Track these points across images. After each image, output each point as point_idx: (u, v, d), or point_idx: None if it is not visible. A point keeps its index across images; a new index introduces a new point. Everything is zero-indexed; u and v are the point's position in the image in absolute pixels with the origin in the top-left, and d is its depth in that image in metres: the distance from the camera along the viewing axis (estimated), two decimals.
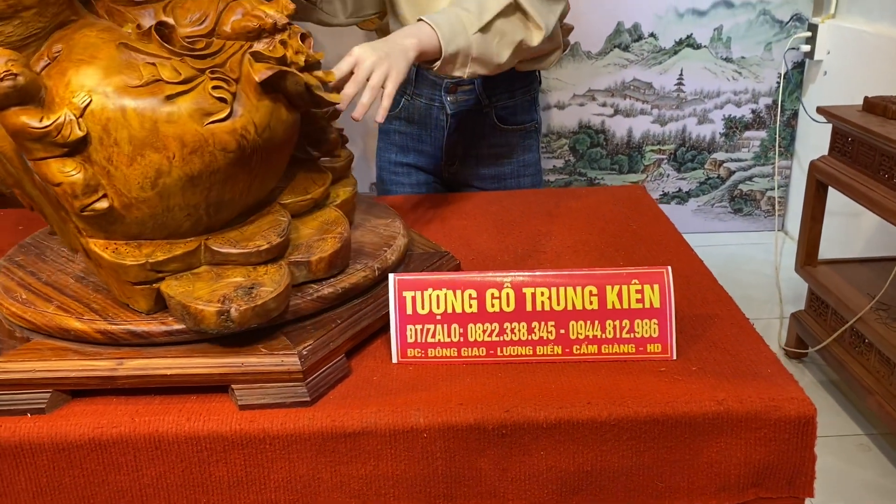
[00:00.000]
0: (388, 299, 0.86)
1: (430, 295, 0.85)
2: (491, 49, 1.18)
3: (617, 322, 0.84)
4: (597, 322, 0.84)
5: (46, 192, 0.82)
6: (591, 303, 0.84)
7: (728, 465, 0.78)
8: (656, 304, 0.84)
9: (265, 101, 0.81)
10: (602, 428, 0.77)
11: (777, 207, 3.10)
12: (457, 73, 1.18)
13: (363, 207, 1.07)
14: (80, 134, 0.75)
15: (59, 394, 0.79)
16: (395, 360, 0.86)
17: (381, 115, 1.04)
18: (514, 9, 1.19)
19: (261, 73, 0.78)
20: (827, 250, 2.20)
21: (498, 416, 0.77)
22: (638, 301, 0.84)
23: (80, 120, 0.75)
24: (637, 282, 0.84)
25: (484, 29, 1.16)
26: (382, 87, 1.03)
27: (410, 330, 0.85)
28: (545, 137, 2.99)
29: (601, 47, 2.87)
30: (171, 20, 0.83)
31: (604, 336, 0.84)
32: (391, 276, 0.86)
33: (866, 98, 1.94)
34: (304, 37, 0.84)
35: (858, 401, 1.96)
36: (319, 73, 0.86)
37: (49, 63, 0.79)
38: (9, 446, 0.76)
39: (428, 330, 0.85)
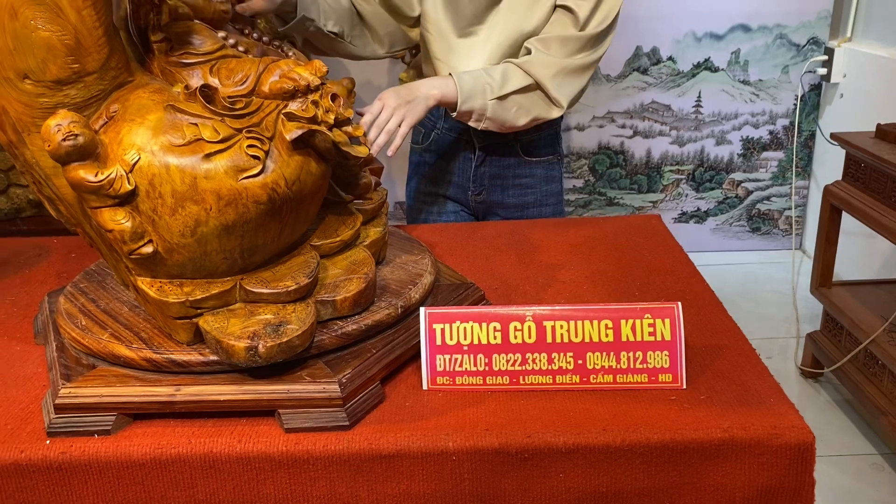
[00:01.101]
0: (419, 330, 0.94)
1: (457, 327, 0.93)
2: (507, 115, 1.32)
3: (631, 353, 0.91)
4: (612, 353, 0.91)
5: (101, 235, 0.91)
6: (606, 335, 0.91)
7: (732, 489, 0.84)
8: (667, 337, 0.91)
9: (296, 157, 0.88)
10: (616, 453, 0.84)
11: (794, 227, 3.15)
12: (471, 125, 1.32)
13: (397, 242, 1.14)
14: (129, 188, 0.83)
15: (123, 417, 0.87)
16: (425, 386, 0.93)
17: (391, 150, 1.17)
18: (535, 87, 1.33)
19: (292, 132, 0.85)
20: (844, 270, 2.24)
21: (520, 441, 0.84)
22: (650, 334, 0.91)
23: (130, 175, 0.84)
24: (649, 316, 0.91)
25: (501, 98, 1.30)
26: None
27: (440, 359, 0.93)
28: (565, 158, 3.06)
29: (620, 71, 2.94)
30: (216, 80, 0.92)
31: (618, 366, 0.91)
32: (422, 309, 0.94)
33: (879, 125, 1.99)
34: (334, 97, 0.91)
35: (872, 420, 2.01)
36: (348, 129, 0.92)
37: (107, 122, 0.88)
38: (79, 464, 0.84)
39: (456, 359, 0.93)
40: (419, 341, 0.94)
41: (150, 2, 0.96)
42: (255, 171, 0.85)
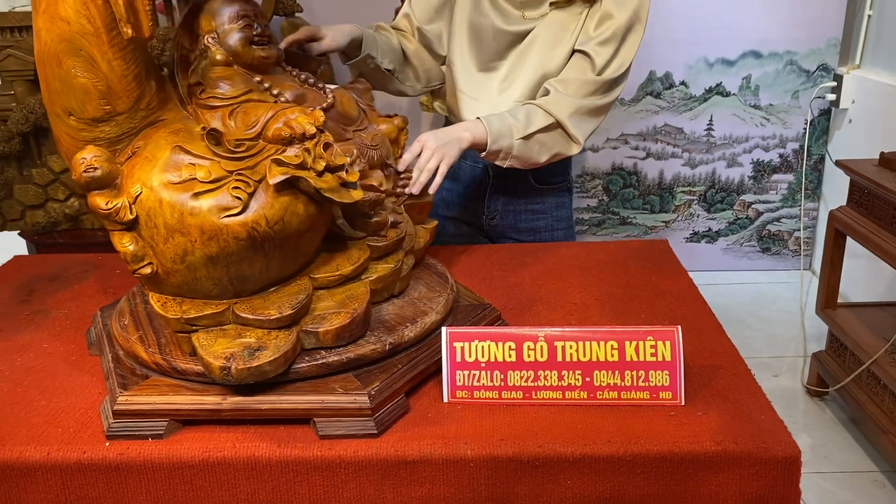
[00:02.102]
0: (440, 348, 1.03)
1: (476, 346, 1.02)
2: (530, 153, 1.43)
3: (634, 372, 1.00)
4: (617, 372, 1.00)
5: None
6: (612, 355, 1.00)
7: (725, 497, 0.92)
8: (668, 358, 1.00)
9: (281, 199, 0.95)
10: (620, 462, 0.92)
11: (804, 248, 3.21)
12: (497, 163, 1.43)
13: (425, 276, 1.21)
14: (131, 217, 0.96)
15: (174, 422, 0.97)
16: (445, 399, 1.02)
17: (431, 189, 1.26)
18: (556, 126, 1.43)
19: (275, 177, 0.93)
20: (851, 291, 2.30)
21: (532, 451, 0.93)
22: (652, 355, 1.00)
23: (133, 206, 0.96)
24: (652, 338, 1.00)
25: (526, 138, 1.40)
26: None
27: (459, 375, 1.02)
28: (579, 178, 3.15)
29: (634, 94, 3.03)
30: (232, 124, 1.01)
31: (622, 384, 1.00)
32: (444, 328, 1.03)
33: (882, 153, 2.07)
34: (327, 145, 0.96)
35: (874, 438, 2.07)
36: (342, 175, 0.96)
37: (130, 156, 1.00)
38: (134, 464, 0.94)
39: (474, 375, 1.02)
40: (441, 358, 1.03)
41: (192, 50, 1.07)
42: (235, 211, 0.93)
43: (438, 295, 1.15)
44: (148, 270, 0.98)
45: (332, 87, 1.14)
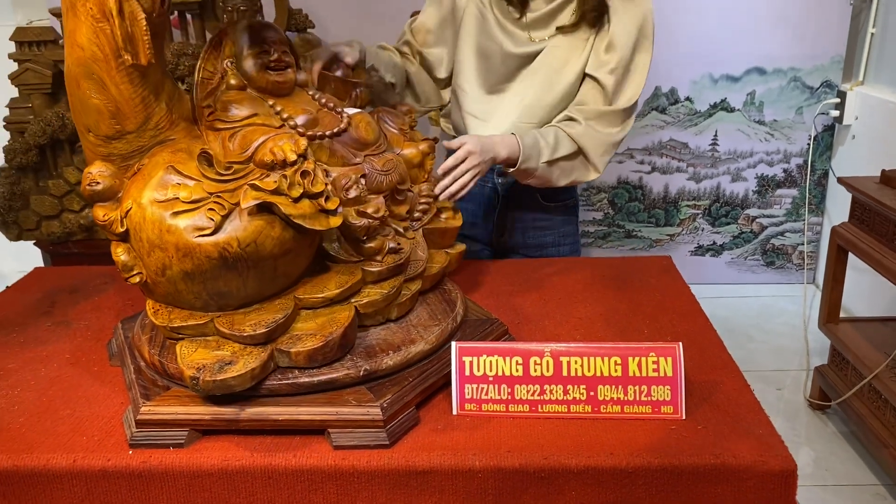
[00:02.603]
0: (450, 362, 1.07)
1: (484, 360, 1.06)
2: (551, 176, 1.50)
3: (637, 387, 1.04)
4: (620, 387, 1.04)
5: None
6: (615, 371, 1.04)
7: None
8: (669, 374, 1.03)
9: (255, 222, 0.98)
10: (622, 474, 0.96)
11: (808, 262, 3.25)
12: (518, 179, 1.49)
13: (437, 304, 1.21)
14: (122, 230, 1.03)
15: (194, 432, 1.01)
16: (454, 412, 1.06)
17: (459, 196, 1.32)
18: (578, 153, 1.50)
19: (248, 201, 0.96)
20: (854, 305, 2.32)
21: (538, 462, 0.96)
22: (654, 370, 1.04)
23: (124, 219, 1.02)
24: (654, 355, 1.04)
25: (550, 162, 1.46)
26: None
27: (468, 388, 1.06)
28: (585, 191, 3.19)
29: (639, 110, 3.07)
30: (231, 146, 1.06)
31: (625, 399, 1.04)
32: (453, 343, 1.07)
33: (883, 171, 2.10)
34: (305, 173, 0.98)
35: (875, 452, 2.09)
36: (319, 201, 0.99)
37: (135, 172, 1.06)
38: (156, 472, 0.98)
39: (482, 389, 1.06)
40: (450, 371, 1.07)
41: (215, 73, 1.12)
42: (207, 231, 0.98)
43: (436, 324, 1.15)
44: (137, 279, 1.05)
45: (353, 110, 1.18)
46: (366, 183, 1.13)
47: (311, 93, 1.16)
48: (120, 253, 1.04)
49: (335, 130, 1.13)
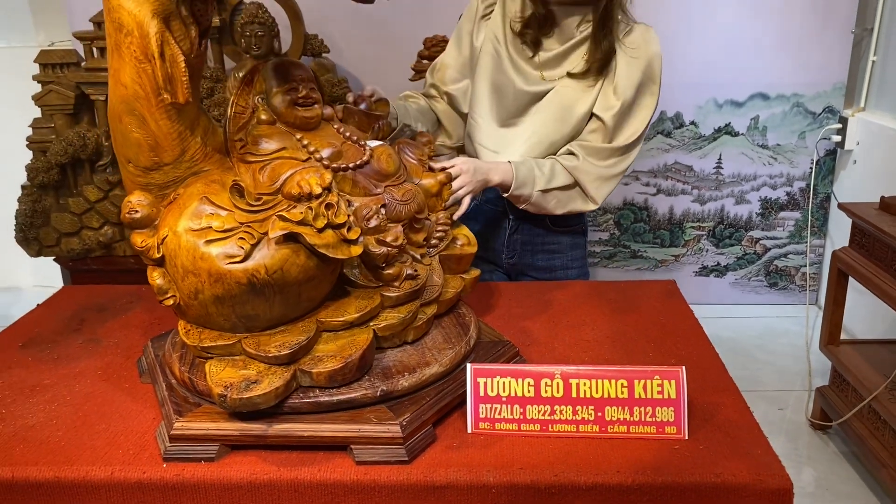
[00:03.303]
0: (465, 383, 1.13)
1: (498, 381, 1.12)
2: (547, 205, 1.58)
3: (642, 408, 1.10)
4: (626, 408, 1.10)
5: None
6: (622, 393, 1.10)
7: None
8: (673, 396, 1.09)
9: (282, 251, 1.04)
10: (628, 491, 1.02)
11: (810, 283, 3.30)
12: (515, 204, 1.58)
13: (452, 329, 1.26)
14: (158, 255, 1.09)
15: (224, 447, 1.07)
16: (469, 430, 1.12)
17: (456, 216, 1.39)
18: (574, 186, 1.58)
19: (275, 231, 1.04)
20: (856, 327, 2.37)
21: (548, 479, 1.02)
22: (658, 393, 1.09)
23: (160, 246, 1.09)
24: (658, 378, 1.10)
25: (545, 191, 1.54)
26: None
27: (482, 408, 1.12)
28: (592, 212, 3.25)
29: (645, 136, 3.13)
30: (261, 178, 1.13)
31: (631, 419, 1.10)
32: (468, 365, 1.13)
33: (882, 198, 2.16)
34: (329, 205, 1.04)
35: (875, 472, 2.14)
36: (342, 232, 1.05)
37: (171, 202, 1.13)
38: (189, 485, 1.04)
39: (496, 408, 1.12)
40: (465, 392, 1.13)
41: (247, 108, 1.19)
42: (238, 259, 1.04)
43: (450, 347, 1.20)
44: (171, 302, 1.11)
45: (374, 143, 1.25)
46: (385, 212, 1.19)
47: (336, 126, 1.23)
48: (156, 277, 1.11)
49: (358, 163, 1.19)
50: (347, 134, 1.22)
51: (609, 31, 1.59)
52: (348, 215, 1.06)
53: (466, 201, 1.42)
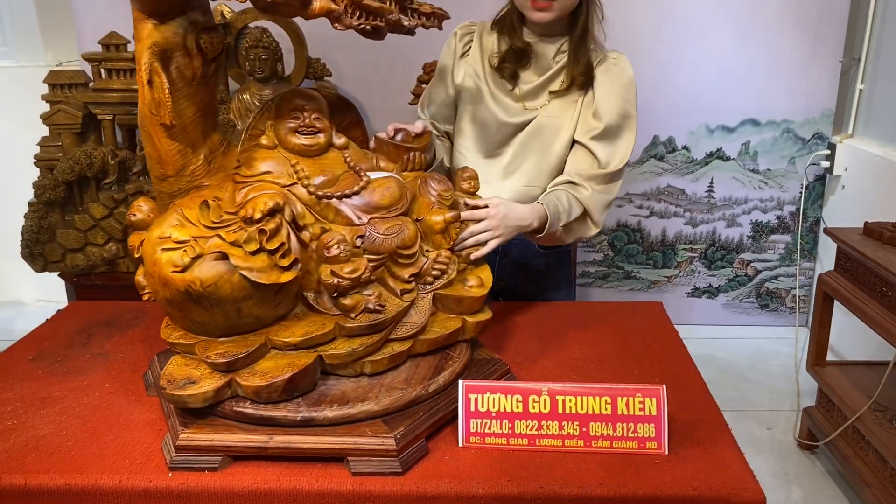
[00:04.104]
0: (457, 398, 1.18)
1: (488, 397, 1.18)
2: (565, 236, 1.63)
3: (624, 424, 1.15)
4: (610, 424, 1.15)
5: None
6: (606, 409, 1.16)
7: None
8: (654, 413, 1.15)
9: (219, 267, 1.10)
10: (610, 503, 1.07)
11: (800, 305, 3.36)
12: (541, 243, 1.63)
13: (426, 364, 1.26)
14: (137, 255, 1.19)
15: (227, 457, 1.13)
16: (460, 444, 1.18)
17: (473, 256, 1.37)
18: (585, 215, 1.64)
19: (209, 249, 1.10)
20: (845, 348, 2.41)
21: (535, 490, 1.08)
22: (640, 410, 1.15)
23: (140, 248, 1.18)
24: (640, 395, 1.16)
25: (567, 225, 1.60)
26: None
27: (473, 422, 1.17)
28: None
29: (638, 157, 3.21)
30: (238, 197, 1.19)
31: (614, 434, 1.15)
32: (461, 381, 1.19)
33: (866, 223, 2.23)
34: (262, 231, 1.10)
35: (860, 492, 2.19)
36: (276, 259, 1.11)
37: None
38: (193, 493, 1.09)
39: (486, 423, 1.17)
40: (457, 407, 1.19)
41: (261, 133, 1.27)
42: (178, 269, 1.10)
43: (402, 389, 1.20)
44: (147, 297, 1.21)
45: (378, 174, 1.28)
46: (364, 244, 1.21)
47: (345, 155, 1.29)
48: (139, 273, 1.22)
49: (345, 192, 1.24)
50: (352, 163, 1.28)
51: (586, 49, 1.65)
52: (283, 242, 1.11)
53: (491, 245, 1.40)
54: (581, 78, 1.66)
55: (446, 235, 1.30)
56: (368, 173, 1.27)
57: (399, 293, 1.25)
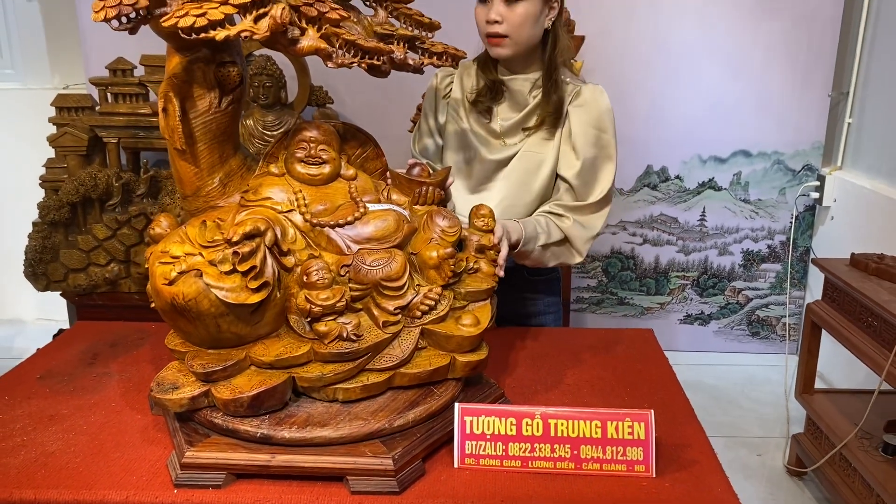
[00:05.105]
0: (453, 421, 1.23)
1: (483, 420, 1.22)
2: (543, 258, 1.69)
3: (614, 448, 1.20)
4: (600, 447, 1.20)
5: None
6: (596, 433, 1.20)
7: None
8: (642, 437, 1.19)
9: (199, 284, 1.16)
10: None
11: (790, 333, 3.41)
12: (517, 260, 1.68)
13: (402, 398, 1.26)
14: (146, 267, 1.24)
15: (231, 475, 1.17)
16: (456, 465, 1.22)
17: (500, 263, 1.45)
18: (565, 241, 1.70)
19: (190, 265, 1.17)
20: (833, 375, 2.44)
21: None
22: (629, 434, 1.20)
23: (149, 260, 1.24)
24: (629, 420, 1.20)
25: (545, 247, 1.65)
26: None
27: (468, 444, 1.22)
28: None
29: (632, 185, 3.28)
30: (235, 220, 1.24)
31: (604, 457, 1.20)
32: (456, 405, 1.23)
33: (852, 254, 2.29)
34: (236, 254, 1.15)
35: None
36: (248, 281, 1.16)
37: None
38: None
39: (480, 445, 1.22)
40: (453, 429, 1.23)
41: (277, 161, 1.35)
42: (166, 282, 1.17)
43: (366, 421, 1.21)
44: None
45: (379, 206, 1.33)
46: (349, 273, 1.25)
47: (351, 186, 1.34)
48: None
49: (338, 222, 1.29)
50: (354, 194, 1.33)
51: (556, 83, 1.70)
52: (254, 265, 1.16)
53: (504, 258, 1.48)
54: (552, 117, 1.71)
55: (440, 271, 1.30)
56: (369, 205, 1.32)
57: (381, 324, 1.26)
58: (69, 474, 1.18)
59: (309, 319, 1.22)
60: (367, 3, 1.35)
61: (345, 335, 1.21)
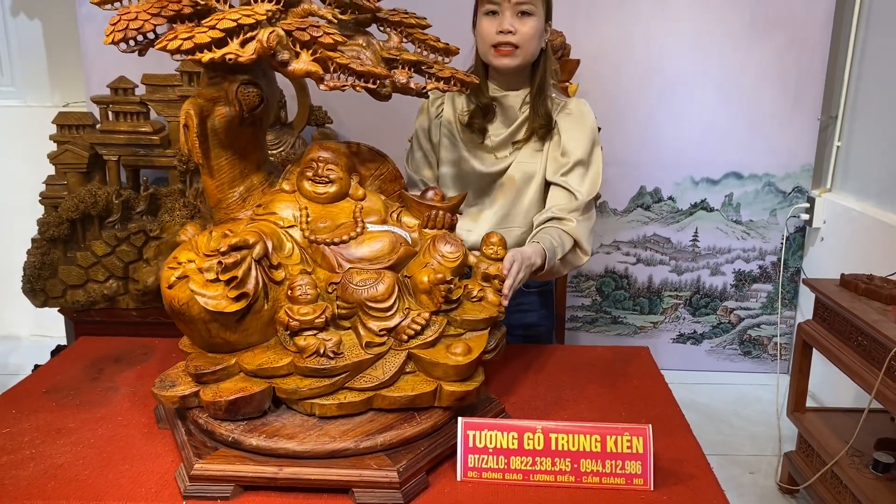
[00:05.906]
0: (456, 434, 1.26)
1: (485, 434, 1.25)
2: (560, 269, 1.72)
3: (613, 461, 1.23)
4: (599, 461, 1.23)
5: None
6: (595, 447, 1.23)
7: None
8: (640, 451, 1.23)
9: (187, 290, 1.21)
10: None
11: (781, 353, 3.45)
12: (542, 278, 1.69)
13: (377, 425, 1.25)
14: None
15: (238, 487, 1.19)
16: (459, 478, 1.25)
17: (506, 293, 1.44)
18: (576, 246, 1.74)
19: (182, 273, 1.23)
20: (824, 393, 2.47)
21: None
22: (628, 448, 1.23)
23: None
24: (628, 434, 1.23)
25: (562, 259, 1.69)
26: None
27: (471, 458, 1.24)
28: (575, 279, 3.41)
29: (625, 206, 3.32)
30: (222, 232, 1.29)
31: (603, 471, 1.23)
32: (460, 419, 1.26)
33: (842, 275, 2.33)
34: (220, 263, 1.20)
35: None
36: (230, 289, 1.20)
37: None
38: None
39: (483, 459, 1.24)
40: (456, 443, 1.26)
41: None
42: (166, 285, 1.23)
43: (333, 441, 1.21)
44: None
45: (379, 227, 1.35)
46: (336, 291, 1.27)
47: (357, 206, 1.37)
48: None
49: (334, 240, 1.32)
50: (357, 216, 1.36)
51: (544, 99, 1.79)
52: (235, 276, 1.20)
53: (516, 288, 1.47)
54: (542, 130, 1.79)
55: (432, 296, 1.30)
56: (370, 226, 1.35)
57: (364, 344, 1.26)
58: (79, 486, 1.20)
59: (289, 333, 1.26)
60: (381, 29, 1.39)
61: (322, 351, 1.24)
